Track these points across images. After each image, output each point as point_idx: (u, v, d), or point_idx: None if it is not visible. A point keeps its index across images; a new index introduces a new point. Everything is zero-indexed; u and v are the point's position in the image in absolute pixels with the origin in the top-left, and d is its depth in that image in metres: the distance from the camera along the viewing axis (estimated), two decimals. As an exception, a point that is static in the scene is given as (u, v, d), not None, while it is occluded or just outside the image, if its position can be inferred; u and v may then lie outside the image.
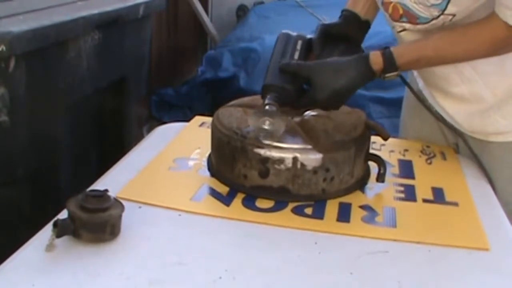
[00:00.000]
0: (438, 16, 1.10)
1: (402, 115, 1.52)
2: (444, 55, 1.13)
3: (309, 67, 1.11)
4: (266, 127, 1.04)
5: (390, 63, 1.10)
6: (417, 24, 1.13)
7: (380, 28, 1.33)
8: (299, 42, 1.18)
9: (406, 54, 1.12)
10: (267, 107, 1.07)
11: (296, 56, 1.15)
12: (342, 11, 1.26)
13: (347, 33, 1.23)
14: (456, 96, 1.25)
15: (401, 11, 1.15)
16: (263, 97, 1.10)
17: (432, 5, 1.08)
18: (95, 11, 1.55)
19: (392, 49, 1.11)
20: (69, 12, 1.48)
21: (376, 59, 1.10)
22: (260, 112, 1.06)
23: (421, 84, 1.37)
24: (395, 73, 1.11)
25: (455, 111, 1.28)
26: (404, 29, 1.18)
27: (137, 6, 1.77)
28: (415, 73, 1.37)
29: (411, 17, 1.14)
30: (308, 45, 1.18)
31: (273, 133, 1.05)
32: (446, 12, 1.08)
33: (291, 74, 1.11)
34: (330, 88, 1.08)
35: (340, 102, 1.12)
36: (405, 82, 1.30)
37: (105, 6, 1.61)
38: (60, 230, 0.87)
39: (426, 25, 1.12)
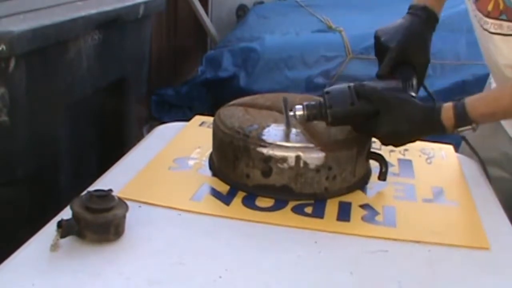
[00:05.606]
0: None
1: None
2: None
3: (383, 99, 1.05)
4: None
5: (462, 118, 1.04)
6: None
7: None
8: None
9: (481, 106, 1.05)
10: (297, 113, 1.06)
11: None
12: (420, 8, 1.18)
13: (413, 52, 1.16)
14: None
15: (501, 7, 1.09)
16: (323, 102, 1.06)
17: None
18: (95, 11, 1.54)
19: (466, 100, 1.05)
20: (69, 12, 1.47)
21: (447, 114, 1.04)
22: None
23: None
24: (469, 127, 1.05)
25: None
26: (499, 34, 1.11)
27: (137, 6, 1.77)
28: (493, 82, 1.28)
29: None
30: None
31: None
32: None
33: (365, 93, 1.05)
34: (395, 129, 1.05)
35: (400, 143, 1.11)
36: (465, 140, 1.21)
37: (105, 6, 1.60)
38: (65, 231, 0.87)
39: None
